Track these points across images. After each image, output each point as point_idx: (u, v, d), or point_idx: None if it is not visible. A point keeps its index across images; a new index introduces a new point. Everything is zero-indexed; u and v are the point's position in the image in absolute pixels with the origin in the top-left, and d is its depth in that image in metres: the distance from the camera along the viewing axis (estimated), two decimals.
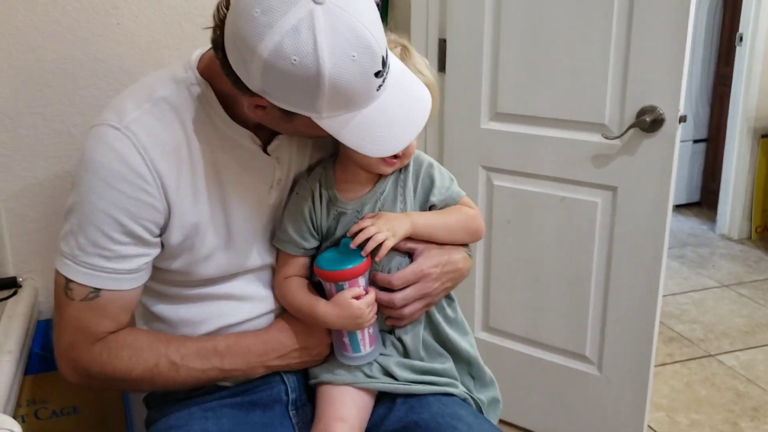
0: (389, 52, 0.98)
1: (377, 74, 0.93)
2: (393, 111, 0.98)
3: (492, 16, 1.98)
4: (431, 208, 1.21)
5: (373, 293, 1.14)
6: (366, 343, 1.16)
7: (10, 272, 1.44)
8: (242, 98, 0.98)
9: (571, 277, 2.03)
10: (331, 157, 1.23)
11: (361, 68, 0.90)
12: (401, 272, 1.16)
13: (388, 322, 1.19)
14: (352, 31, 0.88)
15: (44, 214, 1.43)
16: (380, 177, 1.19)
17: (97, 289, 1.05)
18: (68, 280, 1.05)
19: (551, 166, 1.98)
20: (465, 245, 1.25)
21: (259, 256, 1.18)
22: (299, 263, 1.19)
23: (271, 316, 1.21)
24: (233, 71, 0.95)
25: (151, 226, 1.05)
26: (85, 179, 1.02)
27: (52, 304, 1.45)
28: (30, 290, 1.42)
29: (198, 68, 1.09)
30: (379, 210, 1.17)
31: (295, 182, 1.21)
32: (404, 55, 1.12)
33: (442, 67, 2.15)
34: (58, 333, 1.09)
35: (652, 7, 1.71)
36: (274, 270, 1.22)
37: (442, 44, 2.15)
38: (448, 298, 1.25)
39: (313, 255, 1.20)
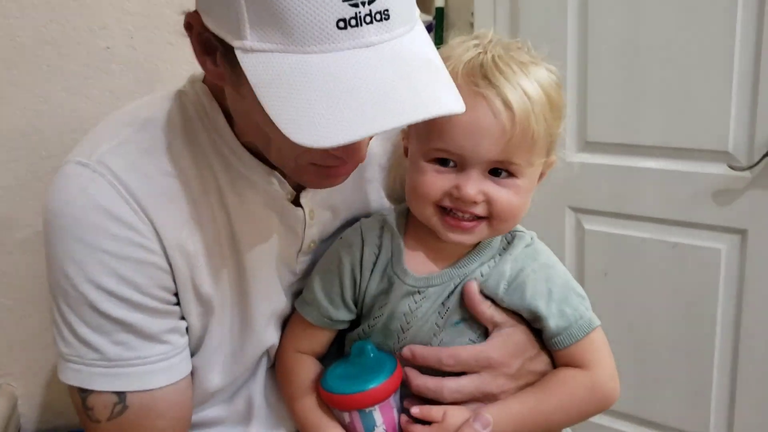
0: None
1: None
2: (363, 81, 0.64)
3: (577, 20, 1.76)
4: (543, 335, 0.86)
5: None
6: None
7: None
8: (188, 33, 0.72)
9: (689, 342, 1.77)
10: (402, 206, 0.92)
11: None
12: (457, 348, 0.83)
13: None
14: None
15: (21, 302, 1.18)
16: (472, 250, 0.86)
17: (122, 395, 0.80)
18: (83, 393, 0.80)
19: (659, 206, 1.74)
20: None
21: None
22: (320, 338, 0.91)
23: None
24: None
25: (159, 293, 0.80)
26: (54, 243, 0.78)
27: (34, 416, 1.24)
28: (5, 400, 1.14)
29: (204, 81, 0.84)
30: (451, 300, 0.84)
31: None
32: (492, 70, 0.77)
33: None
34: None
35: None
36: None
37: None
38: None
39: (342, 331, 0.91)
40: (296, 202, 0.87)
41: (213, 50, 0.70)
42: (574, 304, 0.84)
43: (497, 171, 0.78)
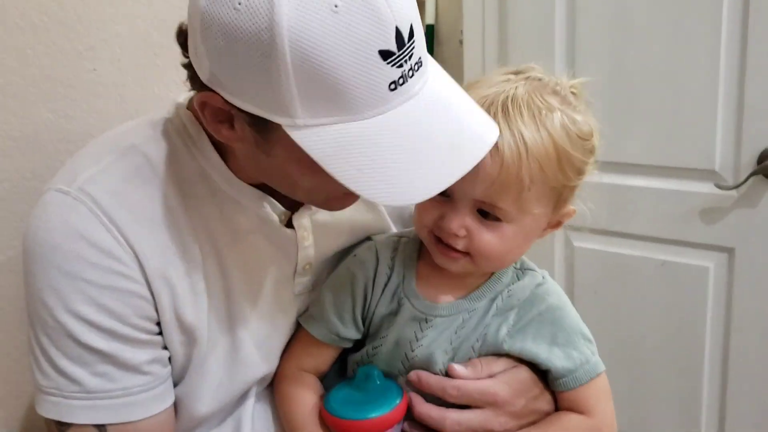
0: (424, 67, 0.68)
1: (386, 56, 0.62)
2: (422, 133, 0.66)
3: (564, 39, 1.75)
4: (548, 375, 0.85)
5: None
6: None
7: None
8: (201, 109, 0.71)
9: (678, 358, 1.76)
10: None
11: (350, 32, 0.60)
12: (463, 381, 0.81)
13: None
14: None
15: (2, 325, 1.11)
16: (484, 284, 0.85)
17: (102, 428, 0.77)
18: (62, 426, 0.77)
19: (648, 224, 1.73)
20: None
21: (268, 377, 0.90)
22: (325, 356, 0.90)
23: None
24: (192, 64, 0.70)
25: (141, 322, 0.77)
26: (34, 272, 0.75)
27: None
28: None
29: (189, 108, 0.82)
30: (457, 337, 0.83)
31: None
32: (496, 111, 0.76)
33: None
34: None
35: None
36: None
37: None
38: None
39: (344, 351, 0.89)
40: (289, 224, 0.85)
41: (230, 118, 0.69)
42: (581, 348, 0.83)
43: (485, 212, 0.77)
